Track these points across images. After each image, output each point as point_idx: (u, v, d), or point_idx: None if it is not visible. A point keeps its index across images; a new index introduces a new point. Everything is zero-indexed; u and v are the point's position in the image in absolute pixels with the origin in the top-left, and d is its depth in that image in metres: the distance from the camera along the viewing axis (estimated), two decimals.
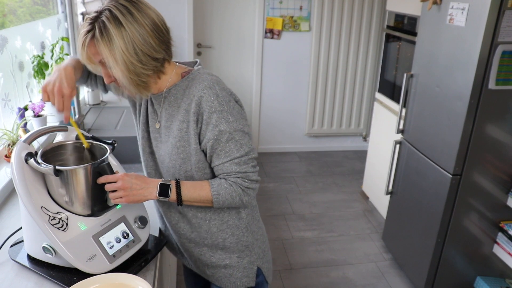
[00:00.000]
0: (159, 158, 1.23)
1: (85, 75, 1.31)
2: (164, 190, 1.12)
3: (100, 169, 1.08)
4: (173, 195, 1.13)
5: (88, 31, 1.03)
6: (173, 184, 1.14)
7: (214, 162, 1.15)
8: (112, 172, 1.09)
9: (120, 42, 1.01)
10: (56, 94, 1.12)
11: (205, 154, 1.16)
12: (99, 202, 1.12)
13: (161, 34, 1.08)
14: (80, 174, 1.06)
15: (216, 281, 1.30)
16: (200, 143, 1.14)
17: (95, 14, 1.04)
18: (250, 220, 1.29)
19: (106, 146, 1.17)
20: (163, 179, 1.16)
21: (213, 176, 1.20)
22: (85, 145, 1.18)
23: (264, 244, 1.36)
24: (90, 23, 1.03)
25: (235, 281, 1.29)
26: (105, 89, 1.35)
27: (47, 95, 1.13)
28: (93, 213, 1.11)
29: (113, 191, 1.10)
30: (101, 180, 1.08)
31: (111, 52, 1.02)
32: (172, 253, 1.42)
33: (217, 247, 1.27)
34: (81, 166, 1.07)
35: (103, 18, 1.02)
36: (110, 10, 1.02)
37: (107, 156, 1.11)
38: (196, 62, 1.23)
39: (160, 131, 1.21)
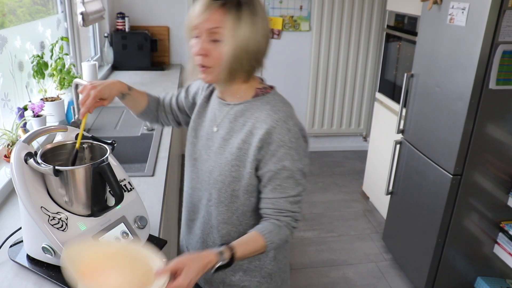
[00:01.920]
0: (207, 167, 1.19)
1: (153, 109, 1.35)
2: (221, 268, 1.02)
3: (100, 170, 1.07)
4: (229, 263, 1.02)
5: (224, 3, 1.03)
6: (227, 256, 1.01)
7: (267, 194, 1.12)
8: (112, 173, 1.09)
9: (247, 27, 1.03)
10: (88, 89, 1.16)
11: (259, 181, 1.13)
12: (98, 202, 1.11)
13: (268, 44, 1.11)
14: (79, 174, 1.06)
15: None
16: (257, 170, 1.11)
17: None
18: (278, 249, 1.26)
19: (106, 146, 1.16)
20: (218, 259, 1.00)
21: (258, 201, 1.16)
22: (76, 146, 1.16)
23: (285, 274, 1.33)
24: None
25: None
26: (175, 123, 1.39)
27: (83, 90, 1.17)
28: (93, 213, 1.10)
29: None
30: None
31: (235, 28, 1.02)
32: None
33: (241, 268, 1.24)
34: (81, 166, 1.07)
35: (247, 3, 1.04)
36: (246, 6, 1.04)
37: (107, 156, 1.11)
38: (273, 87, 1.19)
39: (214, 138, 1.18)
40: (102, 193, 1.12)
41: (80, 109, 1.17)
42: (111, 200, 1.12)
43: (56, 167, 1.01)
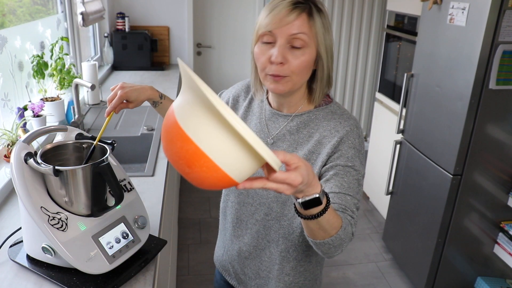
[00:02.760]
0: None
1: None
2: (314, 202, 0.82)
3: (100, 170, 1.07)
4: (323, 203, 0.82)
5: (297, 7, 0.95)
6: (324, 200, 0.83)
7: (332, 188, 0.99)
8: (112, 173, 1.09)
9: (330, 33, 0.99)
10: (117, 88, 1.17)
11: (320, 177, 1.04)
12: (98, 202, 1.11)
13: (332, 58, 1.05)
14: (79, 175, 1.06)
15: None
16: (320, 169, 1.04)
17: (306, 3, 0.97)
18: (316, 267, 1.22)
19: (106, 146, 1.16)
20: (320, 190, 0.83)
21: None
22: (95, 143, 1.16)
23: (322, 275, 1.30)
24: (298, 1, 0.96)
25: None
26: None
27: (115, 87, 1.18)
28: (93, 214, 1.10)
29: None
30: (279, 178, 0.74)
31: (322, 35, 0.98)
32: (228, 279, 1.34)
33: (296, 286, 1.20)
34: (81, 166, 1.07)
35: (320, 6, 0.98)
36: (323, 13, 0.99)
37: (107, 157, 1.11)
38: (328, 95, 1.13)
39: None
40: (102, 193, 1.12)
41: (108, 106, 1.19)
42: (111, 200, 1.12)
43: (56, 167, 1.01)
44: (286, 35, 0.95)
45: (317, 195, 0.79)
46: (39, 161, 1.04)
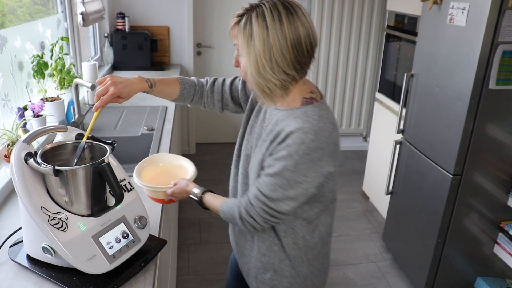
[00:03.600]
0: (251, 164, 1.24)
1: (189, 94, 1.38)
2: (195, 191, 1.32)
3: (100, 170, 1.07)
4: (200, 198, 1.31)
5: (238, 16, 1.09)
6: (199, 195, 1.31)
7: (259, 177, 1.17)
8: (112, 173, 1.09)
9: (258, 42, 1.04)
10: (107, 84, 1.16)
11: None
12: (98, 202, 1.11)
13: (300, 53, 1.07)
14: (79, 175, 1.06)
15: None
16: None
17: (253, 4, 1.07)
18: (310, 251, 1.25)
19: (106, 146, 1.16)
20: (192, 192, 1.33)
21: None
22: (84, 139, 1.16)
23: (318, 279, 1.32)
24: (244, 10, 1.08)
25: None
26: (222, 109, 1.42)
27: (102, 81, 1.18)
28: (93, 214, 1.10)
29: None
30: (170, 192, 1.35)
31: (247, 45, 1.06)
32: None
33: (272, 267, 1.26)
34: (81, 166, 1.07)
35: (254, 13, 1.05)
36: (264, 9, 1.04)
37: (107, 156, 1.11)
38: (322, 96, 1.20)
39: (259, 140, 1.22)
40: (102, 193, 1.12)
41: (96, 101, 1.17)
42: (111, 200, 1.12)
43: (56, 167, 1.01)
44: (234, 43, 1.13)
45: (191, 197, 1.33)
46: (39, 161, 1.04)
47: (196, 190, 1.32)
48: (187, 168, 1.47)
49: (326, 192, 1.18)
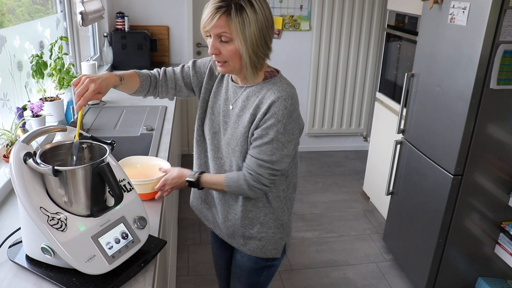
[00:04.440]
0: (225, 140, 1.40)
1: (146, 85, 1.46)
2: (191, 184, 1.43)
3: (100, 170, 1.07)
4: (197, 186, 1.44)
5: (221, 7, 1.18)
6: (195, 178, 1.42)
7: (249, 151, 1.33)
8: (112, 173, 1.08)
9: (253, 26, 1.20)
10: (86, 82, 1.18)
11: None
12: (98, 202, 1.11)
13: (273, 29, 1.28)
14: (79, 175, 1.05)
15: (248, 250, 1.49)
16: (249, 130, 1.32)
17: None
18: (288, 200, 1.47)
19: (105, 146, 1.16)
20: (189, 175, 1.45)
21: None
22: (75, 138, 1.15)
23: (290, 223, 1.54)
24: (224, 0, 1.18)
25: (266, 251, 1.48)
26: (174, 96, 1.54)
27: (78, 81, 1.19)
28: (92, 214, 1.10)
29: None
30: (157, 187, 1.46)
31: (242, 31, 1.19)
32: (206, 223, 1.63)
33: (258, 221, 1.44)
34: (80, 167, 1.06)
35: (241, 1, 1.18)
36: (246, 10, 1.19)
37: (107, 157, 1.10)
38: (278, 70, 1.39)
39: (230, 115, 1.38)
40: (102, 193, 1.11)
41: (77, 101, 1.17)
42: (111, 201, 1.12)
43: (55, 167, 1.01)
44: (214, 33, 1.22)
45: (188, 179, 1.44)
46: (38, 161, 1.04)
47: (191, 172, 1.46)
48: (163, 166, 1.59)
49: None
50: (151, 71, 1.51)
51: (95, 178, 1.07)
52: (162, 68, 1.52)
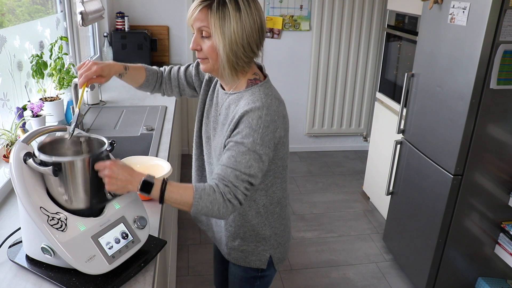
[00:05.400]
0: (214, 145, 1.35)
1: (153, 81, 1.48)
2: (146, 186, 1.10)
3: (99, 161, 1.08)
4: (155, 192, 1.11)
5: (205, 1, 1.17)
6: (158, 182, 1.11)
7: (222, 161, 1.20)
8: None
9: (234, 24, 1.15)
10: (89, 63, 1.24)
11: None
12: (98, 194, 1.11)
13: (262, 35, 1.23)
14: (78, 166, 1.06)
15: (233, 259, 1.46)
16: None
17: None
18: (271, 215, 1.39)
19: (104, 139, 1.16)
20: (148, 175, 1.12)
21: None
22: (77, 108, 1.21)
23: (282, 238, 1.46)
24: None
25: (249, 262, 1.45)
26: (180, 94, 1.53)
27: (83, 64, 1.25)
28: (92, 206, 1.10)
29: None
30: (96, 166, 1.08)
31: (221, 27, 1.15)
32: (199, 226, 1.60)
33: (238, 236, 1.40)
34: (80, 157, 1.07)
35: (228, 3, 1.15)
36: (227, 5, 1.15)
37: (105, 149, 1.11)
38: (266, 76, 1.32)
39: (218, 122, 1.33)
40: (101, 185, 1.11)
41: (79, 80, 1.24)
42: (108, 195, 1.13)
43: (54, 159, 1.02)
44: (196, 28, 1.20)
45: (144, 181, 1.10)
46: (37, 153, 1.04)
47: (148, 175, 1.14)
48: (163, 166, 1.58)
49: (277, 160, 1.29)
50: (160, 68, 1.53)
51: (94, 170, 1.08)
52: (169, 66, 1.53)
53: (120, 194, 1.16)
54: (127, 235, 1.13)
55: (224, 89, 1.32)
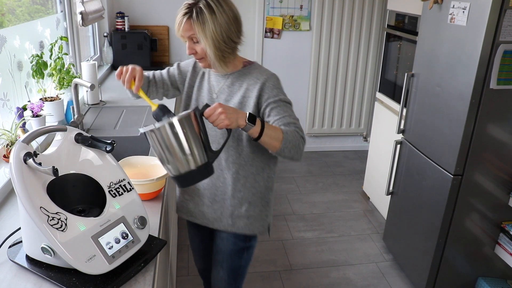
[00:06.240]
0: (210, 124, 1.41)
1: (145, 86, 1.60)
2: (252, 118, 1.30)
3: (201, 112, 1.25)
4: (257, 125, 1.31)
5: (186, 13, 1.36)
6: (257, 119, 1.33)
7: (275, 118, 1.41)
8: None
9: (212, 26, 1.35)
10: (129, 71, 1.37)
11: (263, 117, 1.45)
12: (209, 145, 1.26)
13: (239, 26, 1.43)
14: (190, 119, 1.22)
15: (236, 229, 1.59)
16: (259, 110, 1.45)
17: (193, 1, 1.36)
18: (271, 179, 1.59)
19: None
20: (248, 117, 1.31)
21: (257, 143, 1.42)
22: (153, 107, 1.32)
23: (272, 201, 1.66)
24: (188, 7, 1.36)
25: (253, 228, 1.60)
26: (163, 96, 1.67)
27: (121, 72, 1.39)
28: (209, 158, 1.24)
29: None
30: (207, 112, 1.25)
31: (203, 30, 1.35)
32: (188, 218, 1.69)
33: (246, 201, 1.55)
34: (188, 112, 1.23)
35: (201, 5, 1.35)
36: (206, 1, 1.35)
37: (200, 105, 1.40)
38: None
39: (215, 102, 1.39)
40: (207, 139, 1.26)
41: (128, 87, 1.39)
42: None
43: (171, 118, 1.19)
44: (185, 37, 1.40)
45: (249, 114, 1.29)
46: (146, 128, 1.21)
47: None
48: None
49: None
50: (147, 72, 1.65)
51: (202, 120, 1.25)
52: (152, 71, 1.66)
53: (230, 132, 1.34)
54: (127, 235, 1.13)
55: (218, 73, 1.52)
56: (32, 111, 1.85)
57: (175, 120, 1.19)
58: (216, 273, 1.71)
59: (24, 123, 1.74)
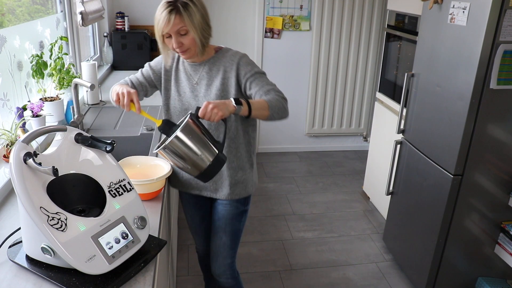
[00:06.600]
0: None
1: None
2: (237, 101, 1.45)
3: (196, 116, 1.38)
4: (244, 104, 1.46)
5: (172, 10, 1.46)
6: (242, 100, 1.47)
7: (254, 88, 1.59)
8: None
9: (197, 15, 1.48)
10: (125, 96, 1.46)
11: (245, 92, 1.62)
12: (214, 139, 1.41)
13: (207, 11, 1.57)
14: (192, 127, 1.36)
15: (235, 195, 1.76)
16: (240, 86, 1.61)
17: (171, 0, 1.47)
18: (253, 145, 1.77)
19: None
20: (233, 97, 1.50)
21: (242, 121, 1.67)
22: (158, 123, 1.45)
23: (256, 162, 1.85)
24: (171, 4, 1.46)
25: (248, 189, 1.78)
26: (143, 97, 1.76)
27: (118, 98, 1.48)
28: (219, 149, 1.40)
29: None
30: (201, 113, 1.38)
31: (192, 21, 1.48)
32: (190, 192, 1.82)
33: (240, 168, 1.73)
34: (186, 119, 1.36)
35: (189, 3, 1.47)
36: (189, 5, 1.48)
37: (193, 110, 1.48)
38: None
39: (198, 89, 1.65)
40: (209, 134, 1.42)
41: (128, 108, 1.46)
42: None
43: (174, 135, 1.35)
44: (174, 31, 1.49)
45: (234, 99, 1.46)
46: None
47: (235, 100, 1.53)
48: (163, 166, 1.63)
49: None
50: (125, 80, 1.75)
51: (200, 123, 1.39)
52: (127, 78, 1.74)
53: (227, 120, 1.51)
54: (127, 235, 1.13)
55: (194, 63, 1.65)
56: (32, 111, 1.85)
57: (179, 133, 1.34)
58: (218, 240, 1.84)
59: (24, 123, 1.74)
